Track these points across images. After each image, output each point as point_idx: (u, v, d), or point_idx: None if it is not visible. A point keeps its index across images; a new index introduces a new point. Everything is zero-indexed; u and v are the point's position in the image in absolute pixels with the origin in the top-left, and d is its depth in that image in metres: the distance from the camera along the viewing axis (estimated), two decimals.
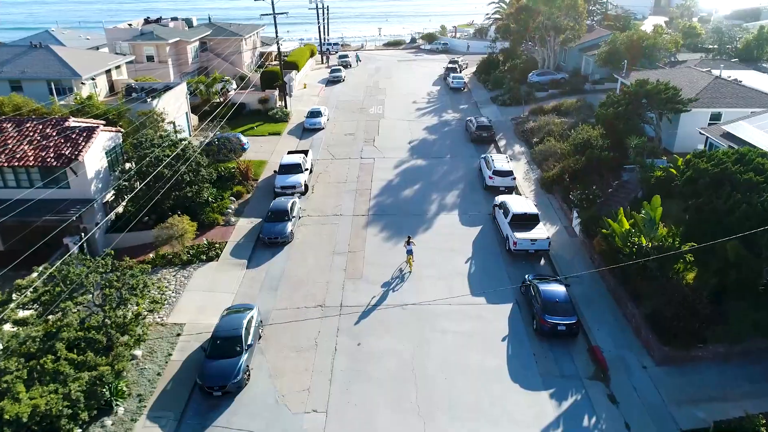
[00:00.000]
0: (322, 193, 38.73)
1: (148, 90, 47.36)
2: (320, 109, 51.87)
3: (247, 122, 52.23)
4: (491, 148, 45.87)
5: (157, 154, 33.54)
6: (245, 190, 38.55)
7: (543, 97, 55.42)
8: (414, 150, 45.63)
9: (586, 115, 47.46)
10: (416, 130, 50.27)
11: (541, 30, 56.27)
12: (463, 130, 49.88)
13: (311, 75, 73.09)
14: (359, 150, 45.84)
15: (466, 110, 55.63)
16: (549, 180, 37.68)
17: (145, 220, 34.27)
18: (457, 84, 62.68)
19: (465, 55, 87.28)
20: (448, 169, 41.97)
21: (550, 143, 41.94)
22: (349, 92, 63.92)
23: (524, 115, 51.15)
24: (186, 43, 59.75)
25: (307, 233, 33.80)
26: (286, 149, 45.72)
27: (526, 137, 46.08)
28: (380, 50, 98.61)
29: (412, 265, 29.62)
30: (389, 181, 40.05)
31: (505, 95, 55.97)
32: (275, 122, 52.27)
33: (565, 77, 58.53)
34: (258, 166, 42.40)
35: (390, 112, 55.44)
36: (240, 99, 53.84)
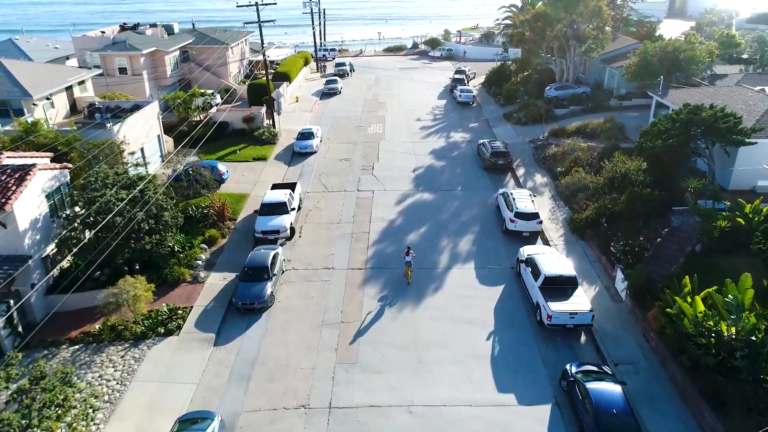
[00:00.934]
0: (311, 237, 32.62)
1: (114, 110, 41.36)
2: (312, 130, 45.75)
3: (229, 144, 46.13)
4: (508, 177, 39.76)
5: (108, 198, 27.46)
6: (220, 235, 32.43)
7: (563, 114, 49.30)
8: (419, 180, 39.52)
9: (617, 138, 41.37)
10: (421, 154, 44.15)
11: (560, 39, 50.14)
12: (474, 155, 43.76)
13: (305, 86, 66.95)
14: (356, 180, 39.73)
15: (477, 130, 49.50)
16: (581, 223, 31.57)
17: (96, 275, 28.41)
18: (465, 98, 56.58)
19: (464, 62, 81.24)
20: (460, 205, 35.85)
21: (579, 175, 35.85)
22: (346, 107, 57.81)
23: (544, 136, 45.05)
24: (163, 53, 53.65)
25: (290, 294, 27.70)
26: (272, 179, 39.65)
27: (549, 165, 39.98)
28: (380, 56, 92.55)
29: (410, 277, 27.98)
30: (391, 222, 33.94)
31: (520, 112, 49.86)
32: (261, 144, 46.14)
33: (586, 92, 52.41)
34: (237, 201, 36.29)
35: (391, 132, 49.31)
36: (222, 117, 47.73)
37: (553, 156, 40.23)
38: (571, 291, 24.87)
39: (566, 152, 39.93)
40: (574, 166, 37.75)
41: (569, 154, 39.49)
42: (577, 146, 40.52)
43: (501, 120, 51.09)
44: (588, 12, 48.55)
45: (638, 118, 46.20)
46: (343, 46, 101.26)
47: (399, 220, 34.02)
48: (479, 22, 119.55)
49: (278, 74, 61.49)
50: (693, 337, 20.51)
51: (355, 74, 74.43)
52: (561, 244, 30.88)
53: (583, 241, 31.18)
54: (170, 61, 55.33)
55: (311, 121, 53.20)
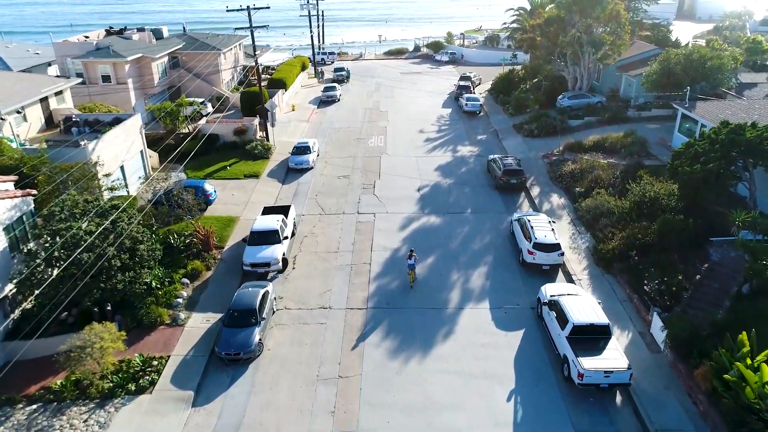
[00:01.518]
0: (305, 269, 29.30)
1: (92, 123, 38.11)
2: (308, 144, 42.41)
3: (219, 159, 42.81)
4: (522, 198, 36.45)
5: (75, 231, 24.18)
6: (204, 267, 29.09)
7: (578, 126, 46.00)
8: (425, 201, 36.21)
9: (640, 155, 38.08)
10: (426, 170, 40.83)
11: (573, 45, 46.84)
12: (483, 171, 40.45)
13: (301, 93, 63.62)
14: (355, 201, 36.41)
15: (485, 143, 46.19)
16: (608, 255, 28.26)
17: (63, 317, 25.22)
18: (472, 107, 53.27)
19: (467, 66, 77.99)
20: (471, 231, 32.55)
21: (601, 197, 32.55)
22: (345, 116, 54.51)
23: (558, 150, 41.77)
24: (150, 60, 50.33)
25: (282, 340, 24.39)
26: (264, 200, 36.39)
27: (566, 184, 36.68)
28: (381, 60, 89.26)
29: (413, 281, 27.56)
30: (394, 252, 30.61)
31: (531, 124, 46.52)
32: (254, 159, 42.81)
33: (602, 101, 49.12)
34: (225, 226, 32.98)
35: (393, 145, 45.99)
36: (212, 129, 44.41)
37: (571, 174, 36.93)
38: (604, 342, 21.58)
39: (585, 170, 36.66)
40: (594, 187, 34.47)
41: (588, 173, 36.21)
42: (597, 163, 37.27)
43: (511, 132, 47.78)
44: (605, 16, 45.27)
45: (659, 131, 42.97)
46: (342, 49, 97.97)
47: (403, 249, 30.68)
48: (482, 24, 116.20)
49: (273, 81, 58.18)
50: (756, 409, 17.26)
51: (355, 80, 71.11)
52: (585, 279, 27.58)
53: (609, 274, 27.87)
54: (158, 68, 52.03)
55: (308, 132, 49.90)
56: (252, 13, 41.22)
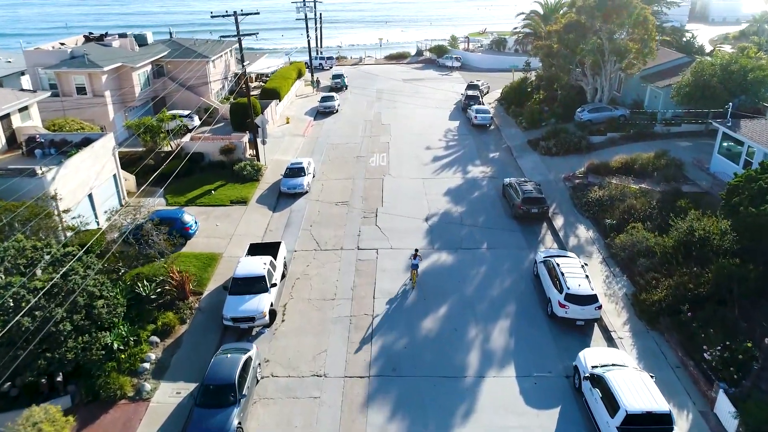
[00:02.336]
0: (297, 322, 25.02)
1: (59, 144, 33.86)
2: (302, 165, 38.08)
3: (203, 181, 38.52)
4: (544, 230, 32.17)
5: (16, 289, 19.96)
6: (177, 320, 24.81)
7: (601, 143, 41.74)
8: (434, 233, 31.92)
9: (677, 179, 33.81)
10: (434, 195, 36.54)
11: (595, 53, 42.54)
12: (499, 196, 36.19)
13: (297, 104, 59.28)
14: (355, 233, 32.12)
15: (499, 162, 41.89)
16: (652, 307, 24.01)
17: (5, 388, 21.09)
18: (482, 120, 48.99)
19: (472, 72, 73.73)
20: (488, 272, 28.26)
21: (638, 232, 28.27)
22: (344, 130, 50.19)
23: (581, 172, 37.52)
24: (131, 69, 46.01)
25: (266, 421, 20.11)
26: (252, 232, 32.14)
27: (593, 213, 32.41)
28: (381, 64, 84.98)
29: (415, 282, 26.95)
30: (401, 299, 26.34)
31: (548, 140, 42.22)
32: (242, 182, 38.50)
33: (625, 114, 44.84)
34: (205, 265, 28.69)
35: (397, 164, 41.69)
36: (196, 147, 40.14)
37: (598, 202, 32.65)
38: None
39: (614, 197, 32.41)
40: (628, 218, 30.23)
41: (619, 201, 31.96)
42: (628, 189, 33.05)
43: (526, 149, 43.48)
44: (631, 22, 40.99)
45: (693, 150, 38.75)
46: (341, 53, 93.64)
47: (411, 296, 26.43)
48: (486, 27, 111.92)
49: (266, 91, 53.91)
50: None
51: (355, 87, 66.80)
52: (627, 337, 23.31)
53: (655, 331, 23.61)
54: (139, 77, 47.72)
55: (303, 148, 45.60)
56: (240, 19, 36.91)
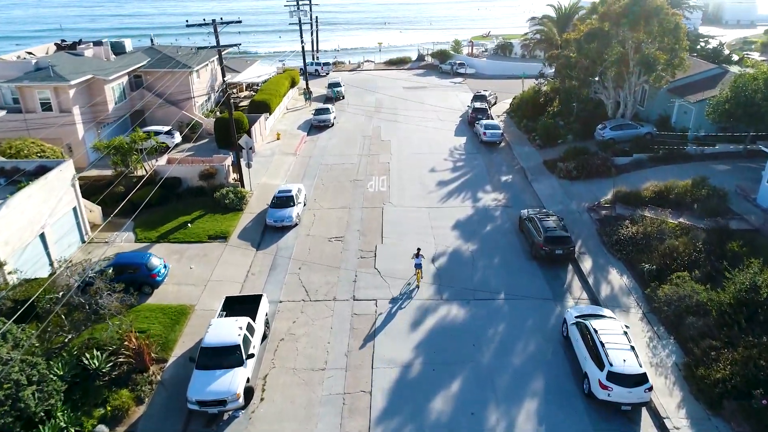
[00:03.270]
0: (278, 403, 20.53)
1: (9, 173, 29.46)
2: (291, 193, 33.56)
3: (180, 211, 34.05)
4: (569, 275, 27.68)
5: None
6: (133, 400, 20.32)
7: (626, 165, 37.29)
8: (443, 278, 27.46)
9: (722, 213, 29.33)
10: (441, 229, 32.05)
11: (620, 64, 38.09)
12: (515, 230, 31.73)
13: (289, 117, 54.70)
14: (351, 278, 27.63)
15: (512, 187, 37.40)
16: (714, 387, 19.56)
17: None
18: (491, 137, 44.51)
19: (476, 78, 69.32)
20: (507, 332, 23.78)
21: (685, 283, 23.87)
22: (340, 147, 45.67)
23: (607, 201, 33.12)
24: (103, 82, 41.51)
25: None
26: (231, 275, 27.74)
27: (627, 254, 27.95)
28: (381, 70, 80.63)
29: (420, 280, 26.72)
30: (404, 369, 21.84)
31: (568, 162, 37.75)
32: (224, 212, 34.04)
33: (651, 132, 40.42)
34: (173, 322, 24.23)
35: (398, 190, 37.19)
36: (171, 171, 35.71)
37: (632, 240, 28.21)
38: None
39: (650, 235, 28.00)
40: (669, 263, 25.82)
41: (656, 239, 27.57)
42: (665, 225, 28.63)
43: (542, 171, 39.00)
44: (661, 30, 36.53)
45: (733, 175, 34.34)
46: (338, 58, 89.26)
47: (417, 365, 21.98)
48: (490, 30, 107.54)
49: (255, 104, 49.41)
50: None
51: (352, 96, 62.42)
52: (685, 427, 18.84)
53: (719, 418, 19.15)
54: (113, 90, 43.20)
55: (293, 170, 41.11)
56: (221, 28, 32.43)
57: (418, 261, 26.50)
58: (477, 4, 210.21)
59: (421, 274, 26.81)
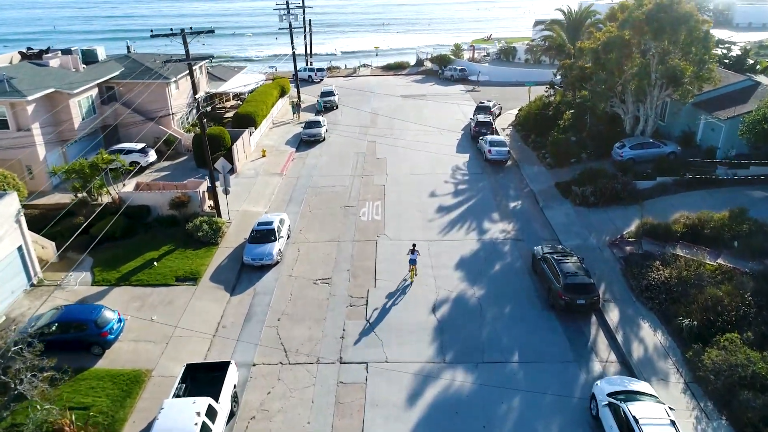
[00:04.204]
0: None
1: None
2: (273, 225, 29.52)
3: (145, 246, 30.06)
4: (594, 328, 23.70)
5: None
6: None
7: (649, 190, 33.36)
8: (445, 334, 23.44)
9: (767, 251, 25.38)
10: (443, 268, 28.01)
11: (642, 76, 34.13)
12: (526, 269, 27.75)
13: (277, 131, 50.56)
14: (338, 333, 23.63)
15: (523, 215, 33.39)
16: None
17: None
18: (497, 155, 40.50)
19: (478, 86, 65.38)
20: (524, 409, 19.76)
21: (739, 351, 19.90)
22: (331, 166, 41.60)
23: (631, 234, 29.19)
24: (68, 96, 37.50)
25: None
26: (198, 329, 23.75)
27: (659, 303, 23.97)
28: (378, 76, 76.67)
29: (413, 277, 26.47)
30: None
31: (584, 187, 33.74)
32: (196, 246, 30.04)
33: (676, 152, 36.47)
34: (123, 397, 20.23)
35: (395, 218, 33.17)
36: (140, 198, 31.76)
37: (665, 287, 24.26)
38: None
39: (686, 280, 24.06)
40: (714, 319, 21.85)
41: (694, 287, 23.61)
42: (703, 268, 24.68)
43: (554, 195, 35.01)
44: (688, 39, 32.59)
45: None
46: (333, 63, 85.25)
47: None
48: (492, 33, 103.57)
49: (239, 117, 45.41)
50: None
51: (347, 106, 58.47)
52: None
53: None
54: (81, 105, 39.18)
55: (278, 194, 37.09)
56: (190, 39, 28.37)
57: (413, 257, 26.44)
58: (477, 5, 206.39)
59: (415, 270, 26.74)
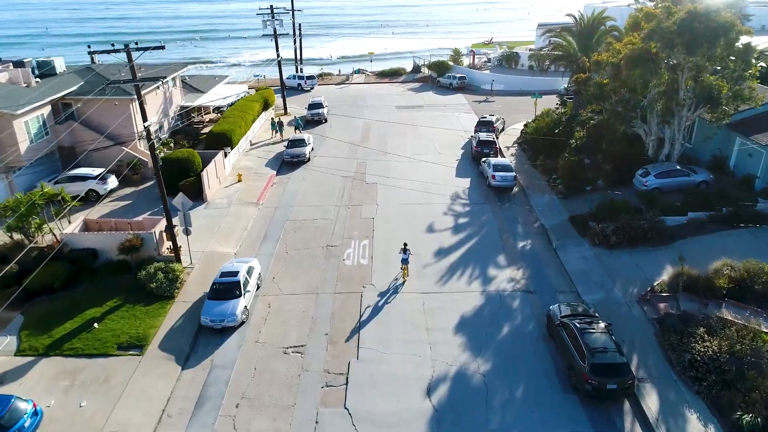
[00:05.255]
0: None
1: None
2: (238, 277, 24.68)
3: (87, 301, 25.36)
4: (628, 418, 19.03)
5: None
6: None
7: (681, 228, 28.67)
8: (442, 424, 18.77)
9: None
10: (441, 332, 23.24)
11: (671, 95, 29.50)
12: (540, 333, 23.06)
13: (256, 152, 45.54)
14: (309, 425, 18.96)
15: (533, 258, 28.61)
16: None
17: None
18: (502, 181, 35.80)
19: (492, 96, 60.80)
20: None
21: None
22: (313, 195, 36.74)
23: (663, 286, 24.55)
24: (11, 117, 32.81)
25: None
26: (135, 423, 18.96)
27: (708, 386, 19.32)
28: (372, 83, 72.06)
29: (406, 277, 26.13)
30: None
31: (603, 223, 29.05)
32: (148, 300, 25.32)
33: (707, 181, 31.83)
34: None
35: (384, 262, 28.25)
36: (81, 239, 27.11)
37: (713, 363, 19.61)
38: None
39: (740, 356, 19.43)
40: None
41: (752, 366, 18.99)
42: (762, 339, 20.07)
43: (569, 232, 30.28)
44: (726, 53, 27.96)
45: None
46: (325, 69, 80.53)
47: None
48: (492, 37, 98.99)
49: (214, 137, 40.68)
50: None
51: (338, 118, 53.96)
52: None
53: None
54: (28, 126, 34.50)
55: (252, 229, 32.38)
56: (137, 54, 23.68)
57: (405, 257, 25.89)
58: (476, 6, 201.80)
59: (407, 270, 26.18)
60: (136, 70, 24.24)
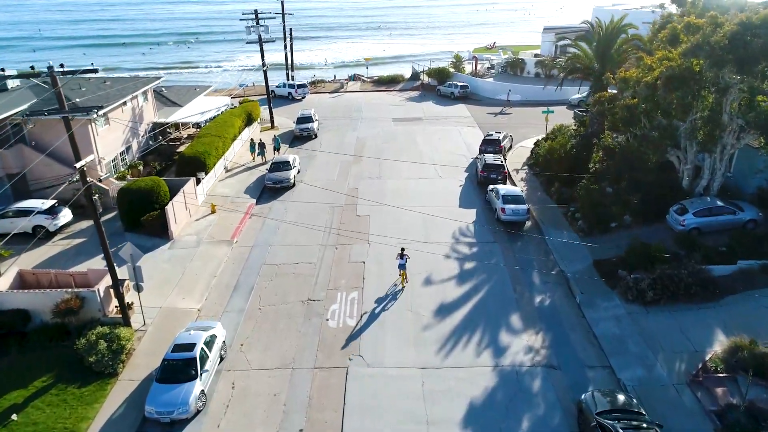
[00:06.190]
0: None
1: None
2: (194, 352, 19.95)
3: (11, 379, 20.71)
4: None
5: None
6: None
7: (730, 280, 24.01)
8: None
9: None
10: (442, 424, 18.65)
11: (716, 120, 24.86)
12: (566, 423, 18.42)
13: (235, 177, 40.76)
14: None
15: (554, 317, 23.90)
16: None
17: None
18: (513, 215, 31.01)
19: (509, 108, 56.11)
20: None
21: None
22: (296, 232, 31.71)
23: (717, 362, 19.91)
24: None
25: None
26: None
27: None
28: (368, 92, 67.38)
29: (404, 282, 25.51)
30: None
31: (638, 275, 24.37)
32: (86, 378, 20.66)
33: (756, 219, 27.19)
34: None
35: (376, 324, 23.73)
36: (10, 298, 22.44)
37: None
38: None
39: None
40: None
41: None
42: None
43: (595, 283, 25.57)
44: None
45: None
46: (317, 77, 75.80)
47: None
48: (495, 41, 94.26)
49: (185, 161, 35.95)
50: None
51: (329, 133, 49.47)
52: None
53: None
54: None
55: (223, 273, 27.68)
56: (63, 81, 19.12)
57: (402, 262, 25.22)
58: (476, 6, 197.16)
59: (405, 276, 25.53)
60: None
